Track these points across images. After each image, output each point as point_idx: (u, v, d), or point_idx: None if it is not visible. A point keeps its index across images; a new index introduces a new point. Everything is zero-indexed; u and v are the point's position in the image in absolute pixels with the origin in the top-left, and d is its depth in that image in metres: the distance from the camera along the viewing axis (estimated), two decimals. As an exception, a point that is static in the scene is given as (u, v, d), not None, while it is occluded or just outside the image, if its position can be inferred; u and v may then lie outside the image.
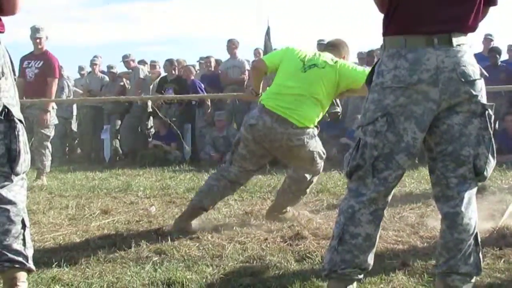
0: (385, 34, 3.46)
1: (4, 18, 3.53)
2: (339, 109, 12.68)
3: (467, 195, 3.46)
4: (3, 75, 3.44)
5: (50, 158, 9.75)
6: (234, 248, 4.98)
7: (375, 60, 12.30)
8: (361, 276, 3.53)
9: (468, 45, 3.40)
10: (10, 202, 3.46)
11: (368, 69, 5.58)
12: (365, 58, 13.26)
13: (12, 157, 3.47)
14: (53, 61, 9.54)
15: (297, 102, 5.48)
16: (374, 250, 3.53)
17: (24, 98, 9.42)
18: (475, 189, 3.53)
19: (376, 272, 3.96)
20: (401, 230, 5.52)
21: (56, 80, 9.74)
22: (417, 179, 8.60)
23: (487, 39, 13.24)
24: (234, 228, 5.63)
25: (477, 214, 3.53)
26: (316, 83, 5.53)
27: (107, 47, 54.27)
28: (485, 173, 3.47)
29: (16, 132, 3.48)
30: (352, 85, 5.73)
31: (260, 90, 6.09)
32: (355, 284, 3.54)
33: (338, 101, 12.22)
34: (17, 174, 3.50)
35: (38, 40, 9.54)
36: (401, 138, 3.36)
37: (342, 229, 3.45)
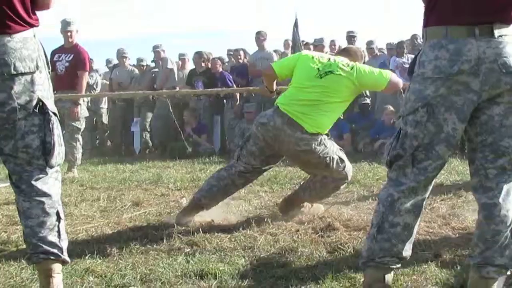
0: (426, 25, 3.43)
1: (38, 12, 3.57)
2: (368, 100, 12.64)
3: (505, 186, 3.43)
4: (37, 69, 3.48)
5: (81, 150, 9.81)
6: (266, 239, 4.98)
7: (404, 51, 12.28)
8: (398, 265, 3.53)
9: (510, 36, 3.36)
10: (45, 194, 3.49)
11: (384, 70, 5.67)
12: (395, 49, 13.17)
13: (46, 150, 3.49)
14: (84, 54, 9.59)
15: (313, 108, 5.42)
16: (412, 240, 3.52)
17: (55, 91, 9.52)
18: None
19: (409, 263, 3.94)
20: (432, 221, 5.49)
21: (87, 73, 9.82)
22: (447, 171, 8.52)
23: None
24: (265, 219, 5.62)
25: None
26: (333, 89, 5.46)
27: (136, 41, 54.35)
28: None
29: (51, 125, 3.50)
30: (371, 88, 5.83)
31: (274, 88, 6.13)
32: (392, 273, 3.54)
33: (367, 92, 12.19)
34: (51, 167, 3.53)
35: (69, 34, 9.59)
36: (441, 128, 3.34)
37: (381, 217, 3.44)
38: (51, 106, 3.54)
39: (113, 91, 13.98)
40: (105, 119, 14.58)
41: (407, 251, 3.50)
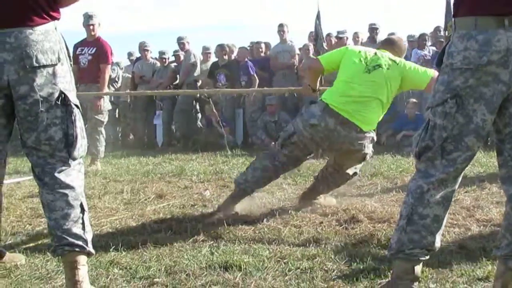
0: (455, 15, 3.40)
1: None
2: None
3: None
4: (59, 61, 3.49)
5: (104, 143, 9.86)
6: (290, 231, 4.98)
7: (426, 43, 12.23)
8: (427, 257, 3.50)
9: None
10: (69, 187, 3.50)
11: (429, 69, 5.60)
12: (417, 41, 13.12)
13: (69, 142, 3.50)
14: (106, 47, 9.63)
15: (363, 104, 5.40)
16: (441, 231, 3.50)
17: (78, 84, 9.58)
18: None
19: (434, 255, 3.90)
20: (456, 213, 5.46)
21: (109, 66, 9.89)
22: (471, 162, 8.46)
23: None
24: (289, 211, 5.64)
25: None
26: (381, 84, 5.44)
27: (158, 34, 54.45)
28: None
29: (73, 117, 3.51)
30: (415, 86, 5.76)
31: (318, 86, 6.07)
32: (421, 265, 3.52)
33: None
34: (74, 159, 3.54)
35: (91, 27, 9.65)
36: (470, 119, 3.31)
37: (410, 209, 3.42)
38: (73, 99, 3.55)
39: (135, 84, 14.05)
40: (127, 112, 14.61)
41: (436, 243, 3.47)
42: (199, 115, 14.12)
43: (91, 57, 9.52)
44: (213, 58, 14.13)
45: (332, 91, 5.62)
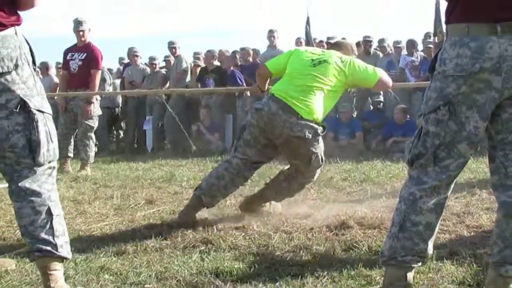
0: (448, 21, 3.42)
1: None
2: (381, 98, 12.64)
3: None
4: (17, 67, 3.43)
5: (94, 149, 9.87)
6: (280, 237, 4.98)
7: (414, 50, 12.28)
8: (419, 264, 3.52)
9: None
10: (34, 193, 3.48)
11: (377, 68, 5.84)
12: (404, 47, 13.22)
13: (33, 148, 3.47)
14: (97, 53, 9.65)
15: (306, 93, 5.53)
16: (433, 238, 3.52)
17: (68, 90, 9.58)
18: None
19: (424, 261, 3.92)
20: (447, 219, 5.47)
21: (100, 72, 9.90)
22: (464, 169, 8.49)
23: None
24: (280, 217, 5.64)
25: None
26: (325, 76, 5.57)
27: (147, 39, 54.54)
28: None
29: (35, 123, 3.46)
30: (362, 84, 5.96)
31: (266, 87, 6.25)
32: (413, 271, 3.53)
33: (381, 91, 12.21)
34: (39, 165, 3.49)
35: (81, 33, 9.67)
36: (462, 127, 3.32)
37: (403, 216, 3.43)
38: (35, 104, 3.48)
39: (125, 89, 14.02)
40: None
41: (429, 250, 3.49)
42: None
43: (82, 63, 9.53)
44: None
45: (279, 83, 5.78)
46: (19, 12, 3.54)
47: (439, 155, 3.38)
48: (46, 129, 3.52)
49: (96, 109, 9.66)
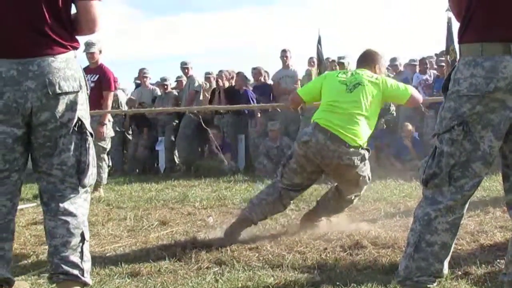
0: (461, 41, 3.42)
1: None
2: (394, 114, 12.62)
3: None
4: (80, 88, 3.55)
5: (107, 170, 9.89)
6: (294, 258, 4.96)
7: (427, 68, 12.27)
8: (435, 284, 3.51)
9: None
10: (71, 214, 3.53)
11: (407, 85, 5.93)
12: (418, 65, 13.19)
13: (81, 169, 3.55)
14: (109, 74, 9.66)
15: (349, 120, 5.60)
16: (449, 258, 3.52)
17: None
18: None
19: (439, 281, 3.91)
20: (461, 238, 5.43)
21: (112, 93, 9.90)
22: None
23: None
24: (293, 237, 5.62)
25: None
26: (364, 101, 5.64)
27: (159, 61, 54.71)
28: None
29: (87, 145, 3.58)
30: (395, 100, 6.11)
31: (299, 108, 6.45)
32: None
33: (394, 108, 12.21)
34: (84, 186, 3.58)
35: (91, 55, 9.68)
36: (477, 146, 3.32)
37: (418, 236, 3.43)
38: (88, 126, 3.59)
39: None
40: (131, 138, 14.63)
41: (444, 270, 3.48)
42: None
43: (94, 84, 9.53)
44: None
45: (319, 111, 5.83)
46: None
47: (454, 175, 3.38)
48: (93, 152, 3.61)
49: (108, 130, 9.69)
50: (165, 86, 14.32)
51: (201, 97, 13.85)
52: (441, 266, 3.45)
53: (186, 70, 13.99)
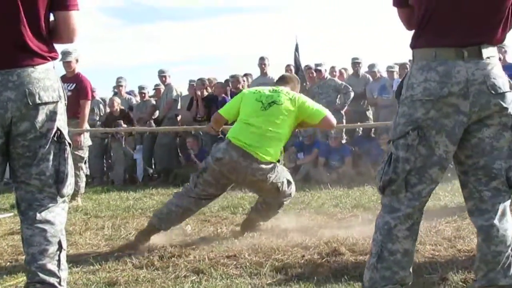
0: (414, 47, 3.47)
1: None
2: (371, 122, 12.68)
3: (501, 207, 3.46)
4: (59, 98, 3.55)
5: (84, 179, 9.86)
6: (272, 265, 4.97)
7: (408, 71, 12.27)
8: None
9: (497, 57, 3.41)
10: (49, 222, 3.53)
11: (322, 107, 6.16)
12: (397, 71, 13.24)
13: (59, 179, 3.54)
14: (85, 83, 9.63)
15: (261, 138, 5.85)
16: (412, 264, 3.52)
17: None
18: (508, 201, 3.51)
19: (415, 287, 3.93)
20: (438, 244, 5.48)
21: (89, 102, 9.87)
22: (451, 192, 8.51)
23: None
24: (271, 245, 5.63)
25: None
26: (277, 119, 5.89)
27: (139, 68, 54.58)
28: None
29: (66, 155, 3.58)
30: (309, 120, 6.13)
31: (220, 129, 6.75)
32: None
33: (371, 115, 12.27)
34: (62, 196, 3.58)
35: (67, 64, 9.64)
36: (433, 151, 3.36)
37: (380, 246, 3.44)
38: (67, 136, 3.60)
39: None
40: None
41: (409, 277, 3.49)
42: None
43: (71, 93, 9.46)
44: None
45: (233, 128, 6.12)
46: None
47: (410, 180, 3.40)
48: (71, 162, 3.60)
49: (86, 139, 9.66)
50: (143, 95, 14.30)
51: (179, 106, 13.84)
52: (406, 273, 3.46)
53: (164, 78, 13.99)
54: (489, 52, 3.35)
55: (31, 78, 3.46)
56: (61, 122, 3.59)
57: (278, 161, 6.02)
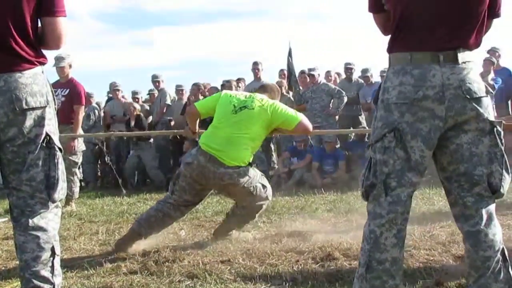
0: (390, 51, 3.49)
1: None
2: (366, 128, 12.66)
3: (485, 212, 3.48)
4: (47, 103, 3.54)
5: (78, 184, 9.85)
6: (266, 270, 4.98)
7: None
8: None
9: (474, 62, 3.43)
10: (41, 229, 3.52)
11: (298, 113, 6.18)
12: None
13: (50, 184, 3.54)
14: (79, 88, 9.63)
15: (227, 143, 5.95)
16: (401, 272, 3.51)
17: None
18: (493, 205, 3.53)
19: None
20: (432, 249, 5.48)
21: (83, 107, 9.86)
22: (445, 197, 8.48)
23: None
24: (265, 250, 5.63)
25: (500, 229, 3.52)
26: (246, 123, 5.99)
27: (130, 72, 54.53)
28: (501, 190, 3.48)
29: (56, 160, 3.57)
30: (284, 126, 6.15)
31: (197, 129, 6.71)
32: None
33: (364, 120, 12.28)
34: (54, 201, 3.57)
35: (60, 69, 9.64)
36: (409, 156, 3.36)
37: (368, 256, 3.43)
38: (57, 141, 3.59)
39: (107, 123, 13.94)
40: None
41: (399, 285, 3.49)
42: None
43: (64, 98, 9.49)
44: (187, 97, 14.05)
45: (205, 134, 6.22)
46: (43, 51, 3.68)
47: (390, 184, 3.41)
48: (62, 167, 3.60)
49: (80, 144, 9.66)
50: (137, 100, 14.29)
51: (172, 111, 13.84)
52: (396, 282, 3.45)
53: (157, 83, 14.00)
54: (465, 57, 3.37)
55: (18, 84, 3.45)
56: (50, 127, 3.59)
57: (250, 164, 6.08)
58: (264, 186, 6.17)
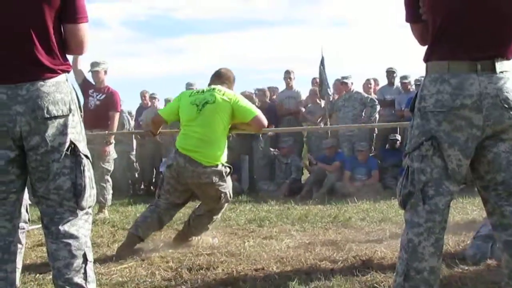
0: (428, 60, 3.47)
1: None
2: (398, 137, 12.59)
3: None
4: (70, 112, 3.54)
5: (111, 191, 9.90)
6: (301, 279, 4.94)
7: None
8: None
9: (511, 72, 3.39)
10: (72, 236, 3.53)
11: (255, 108, 6.42)
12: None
13: (77, 192, 3.54)
14: (115, 96, 9.76)
15: (200, 143, 6.28)
16: (438, 281, 3.48)
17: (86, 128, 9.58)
18: None
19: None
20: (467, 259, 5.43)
21: (118, 114, 9.93)
22: (479, 206, 8.42)
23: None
24: (299, 258, 5.61)
25: None
26: (213, 119, 6.28)
27: (162, 80, 54.84)
28: None
29: (82, 167, 3.56)
30: (241, 118, 6.38)
31: (158, 132, 7.12)
32: None
33: (398, 128, 12.21)
34: (82, 209, 3.57)
35: (95, 74, 9.75)
36: (446, 164, 3.34)
37: (406, 265, 3.41)
38: (83, 149, 3.60)
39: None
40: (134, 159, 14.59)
41: None
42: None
43: (100, 103, 9.59)
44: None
45: (179, 137, 6.49)
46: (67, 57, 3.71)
47: (427, 192, 3.39)
48: (89, 174, 3.61)
49: (112, 151, 9.73)
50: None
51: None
52: None
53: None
54: (503, 66, 3.35)
55: (40, 92, 3.46)
56: (75, 135, 3.58)
57: (230, 168, 6.47)
58: (227, 199, 6.55)
